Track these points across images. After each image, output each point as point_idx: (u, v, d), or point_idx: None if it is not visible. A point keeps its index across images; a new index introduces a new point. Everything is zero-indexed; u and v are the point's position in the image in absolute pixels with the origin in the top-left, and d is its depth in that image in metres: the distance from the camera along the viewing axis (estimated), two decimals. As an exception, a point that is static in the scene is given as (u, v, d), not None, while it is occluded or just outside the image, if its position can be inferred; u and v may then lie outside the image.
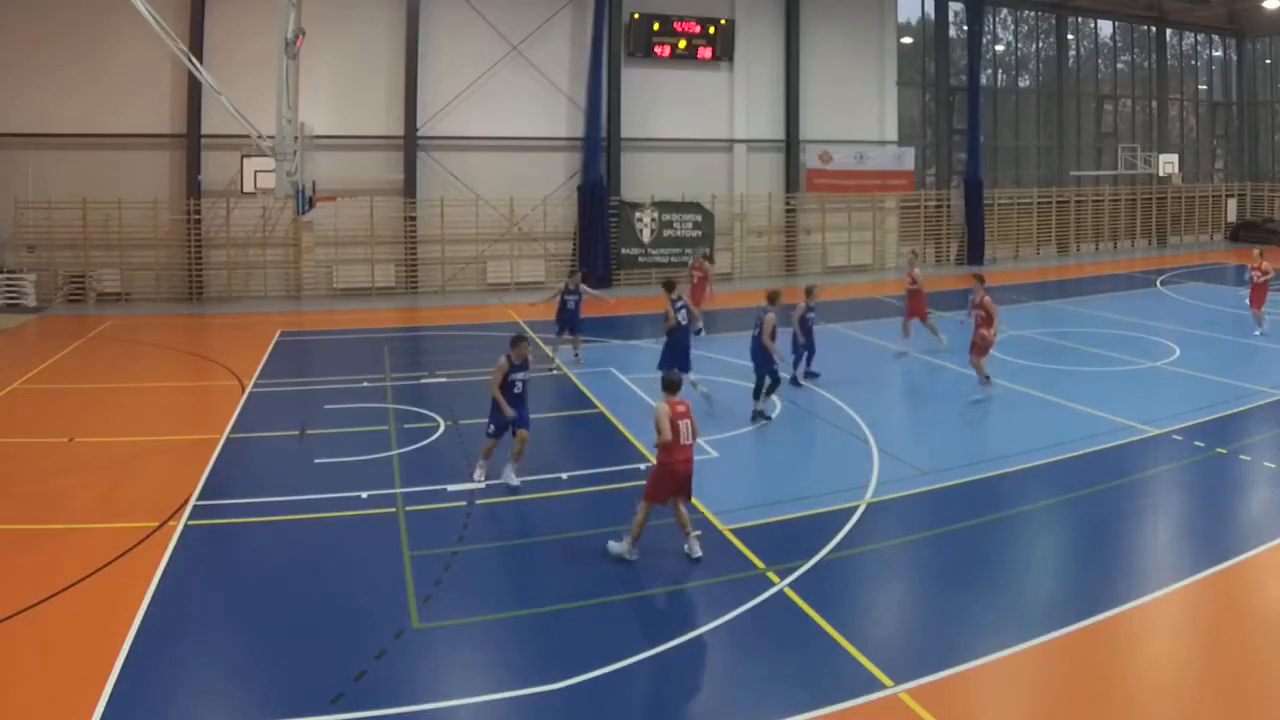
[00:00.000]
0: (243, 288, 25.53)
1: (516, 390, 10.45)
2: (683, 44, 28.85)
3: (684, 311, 14.26)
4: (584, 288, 17.16)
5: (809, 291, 15.72)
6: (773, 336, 13.15)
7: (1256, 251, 20.34)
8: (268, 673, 6.94)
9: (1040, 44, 37.58)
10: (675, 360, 13.75)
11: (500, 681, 6.85)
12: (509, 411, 10.29)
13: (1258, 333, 19.00)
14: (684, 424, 8.68)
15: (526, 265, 27.83)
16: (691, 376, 13.70)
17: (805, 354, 15.50)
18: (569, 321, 16.87)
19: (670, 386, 8.88)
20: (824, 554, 8.83)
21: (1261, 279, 19.30)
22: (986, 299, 14.41)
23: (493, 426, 10.56)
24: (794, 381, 15.19)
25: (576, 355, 17.04)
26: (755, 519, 9.65)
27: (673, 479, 8.62)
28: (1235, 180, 42.16)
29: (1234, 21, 40.18)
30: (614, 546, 8.72)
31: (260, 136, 15.33)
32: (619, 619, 7.76)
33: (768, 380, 13.38)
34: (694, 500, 9.08)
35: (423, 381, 15.99)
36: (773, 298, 13.76)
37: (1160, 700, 6.67)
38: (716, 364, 16.86)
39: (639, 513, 8.63)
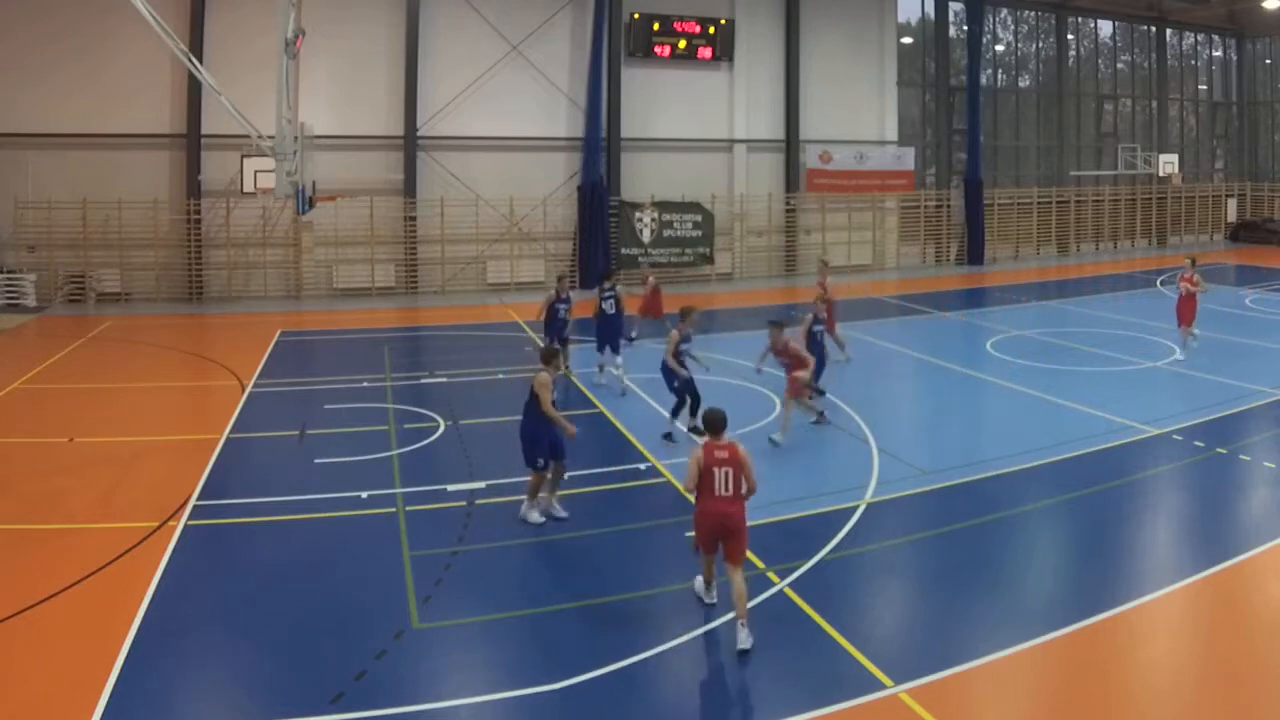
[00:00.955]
0: (243, 288, 25.52)
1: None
2: (683, 44, 28.85)
3: (611, 301, 15.72)
4: (573, 295, 16.39)
5: (818, 301, 14.93)
6: (677, 353, 12.59)
7: (1189, 261, 18.21)
8: (268, 673, 6.94)
9: (1040, 44, 37.58)
10: (605, 341, 15.48)
11: (500, 681, 6.85)
12: (571, 429, 9.48)
13: (1182, 355, 17.04)
14: (721, 471, 7.35)
15: (526, 265, 27.82)
16: (618, 360, 15.45)
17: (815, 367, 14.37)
18: (560, 330, 15.83)
19: (710, 426, 7.64)
20: (824, 554, 8.83)
21: (1191, 292, 17.36)
22: (793, 345, 12.83)
23: (541, 460, 9.52)
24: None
25: (565, 366, 16.13)
26: (755, 519, 9.55)
27: (705, 529, 7.46)
28: (1235, 180, 42.15)
29: (1234, 21, 40.17)
30: (696, 582, 7.90)
31: (260, 136, 15.32)
32: (619, 619, 7.76)
33: (688, 399, 12.77)
34: (750, 556, 8.03)
35: (423, 381, 15.99)
36: (684, 314, 13.00)
37: (1160, 700, 6.67)
38: (717, 364, 16.85)
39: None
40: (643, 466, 11.35)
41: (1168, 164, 36.66)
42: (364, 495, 10.43)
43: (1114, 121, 39.76)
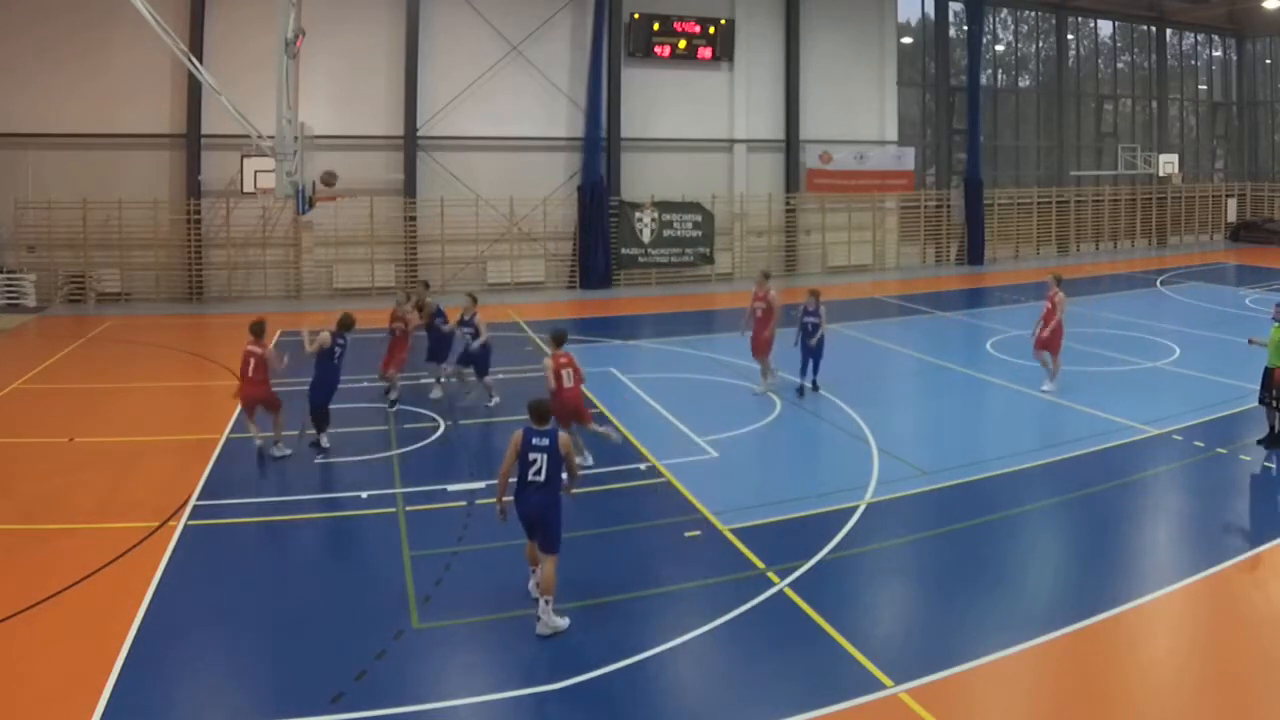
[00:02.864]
0: (243, 288, 25.51)
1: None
2: (683, 44, 28.83)
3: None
4: (479, 320, 14.02)
5: (810, 293, 14.93)
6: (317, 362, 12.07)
7: (1053, 278, 15.21)
8: (268, 673, 6.94)
9: (1040, 44, 37.58)
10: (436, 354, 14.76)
11: (500, 681, 6.85)
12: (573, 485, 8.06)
13: (1047, 387, 14.78)
14: (565, 371, 10.70)
15: (526, 265, 27.83)
16: (448, 368, 14.79)
17: (809, 362, 14.70)
18: (464, 356, 14.33)
19: (555, 340, 11.07)
20: (824, 554, 8.83)
21: (1059, 315, 14.76)
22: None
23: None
24: (799, 391, 14.70)
25: (468, 392, 14.44)
26: (755, 519, 9.65)
27: (563, 410, 10.25)
28: (1235, 180, 42.15)
29: (1234, 21, 40.17)
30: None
31: (260, 136, 15.32)
32: (619, 619, 7.76)
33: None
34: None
35: (423, 381, 15.96)
36: (345, 324, 12.35)
37: (1160, 700, 6.67)
38: (717, 364, 16.87)
39: None
40: (643, 466, 11.35)
41: (1168, 164, 36.67)
42: (364, 495, 10.43)
43: (1114, 121, 39.76)
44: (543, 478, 7.57)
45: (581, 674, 6.80)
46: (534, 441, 7.60)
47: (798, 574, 8.37)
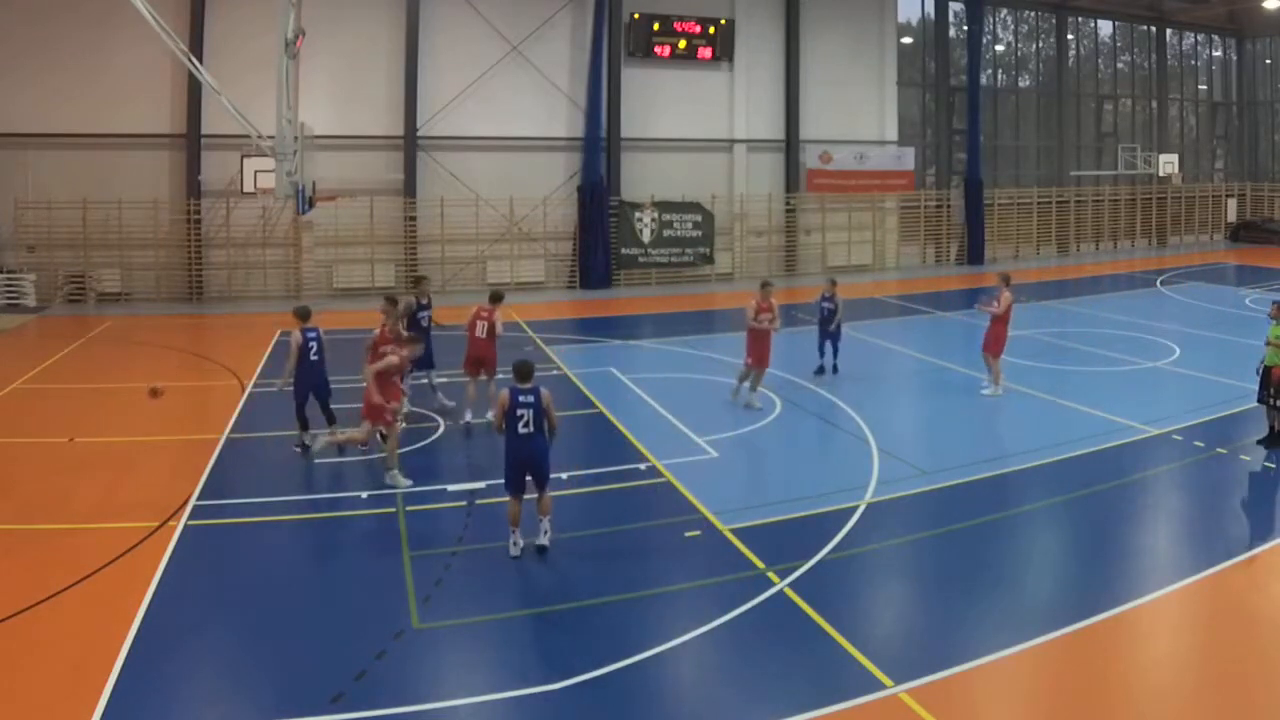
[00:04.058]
0: (243, 288, 25.51)
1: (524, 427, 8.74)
2: (683, 44, 28.83)
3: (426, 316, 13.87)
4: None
5: (828, 281, 16.31)
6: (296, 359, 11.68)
7: (1001, 277, 15.28)
8: (268, 673, 6.94)
9: (1040, 44, 37.58)
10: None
11: (500, 681, 6.85)
12: None
13: (987, 391, 14.76)
14: (480, 323, 12.74)
15: (526, 265, 27.83)
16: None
17: (826, 344, 16.04)
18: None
19: (491, 298, 13.03)
20: (824, 554, 8.83)
21: (1001, 311, 14.65)
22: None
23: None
24: (819, 370, 16.04)
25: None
26: (755, 519, 9.65)
27: (470, 358, 12.95)
28: (1235, 180, 42.15)
29: (1234, 21, 40.17)
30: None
31: (260, 136, 15.33)
32: (619, 619, 7.76)
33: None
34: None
35: (422, 381, 15.96)
36: (302, 315, 12.09)
37: (1160, 700, 6.67)
38: (717, 364, 16.88)
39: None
40: (643, 466, 11.35)
41: (1168, 164, 36.70)
42: (364, 495, 10.43)
43: (1114, 121, 39.76)
44: (531, 429, 8.66)
45: (581, 674, 6.80)
46: (520, 399, 8.65)
47: (798, 574, 8.37)
